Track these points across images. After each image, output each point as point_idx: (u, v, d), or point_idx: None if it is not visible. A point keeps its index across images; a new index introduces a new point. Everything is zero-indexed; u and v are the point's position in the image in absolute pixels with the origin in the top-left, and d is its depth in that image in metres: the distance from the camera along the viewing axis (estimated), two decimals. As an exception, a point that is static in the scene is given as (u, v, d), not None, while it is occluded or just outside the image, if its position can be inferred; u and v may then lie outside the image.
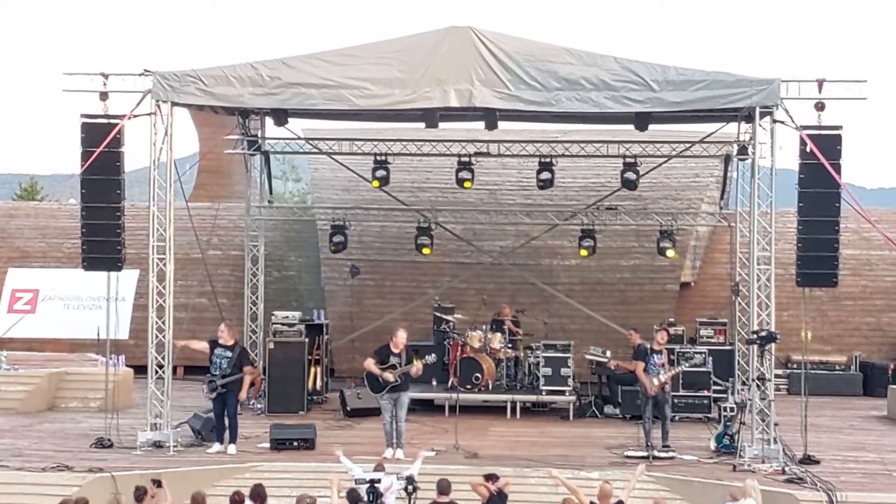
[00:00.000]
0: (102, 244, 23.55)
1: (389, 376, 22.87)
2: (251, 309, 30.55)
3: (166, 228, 23.95)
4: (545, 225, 31.88)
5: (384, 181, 28.89)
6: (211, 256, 32.95)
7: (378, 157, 29.02)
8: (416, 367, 23.00)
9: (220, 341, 23.58)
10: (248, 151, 29.94)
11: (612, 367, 28.46)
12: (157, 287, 23.94)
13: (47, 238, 36.45)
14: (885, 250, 32.80)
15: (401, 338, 23.15)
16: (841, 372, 32.52)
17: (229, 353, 23.41)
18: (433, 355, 24.00)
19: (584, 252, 30.21)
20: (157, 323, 23.94)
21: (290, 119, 26.41)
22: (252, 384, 26.18)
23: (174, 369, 25.23)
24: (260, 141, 29.93)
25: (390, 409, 22.97)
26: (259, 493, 18.20)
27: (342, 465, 19.22)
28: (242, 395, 23.78)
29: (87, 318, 30.76)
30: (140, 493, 18.42)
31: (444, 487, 18.22)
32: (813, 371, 28.92)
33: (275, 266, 33.97)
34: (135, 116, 23.48)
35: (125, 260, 23.98)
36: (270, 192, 32.26)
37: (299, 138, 30.86)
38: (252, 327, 30.25)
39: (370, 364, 23.06)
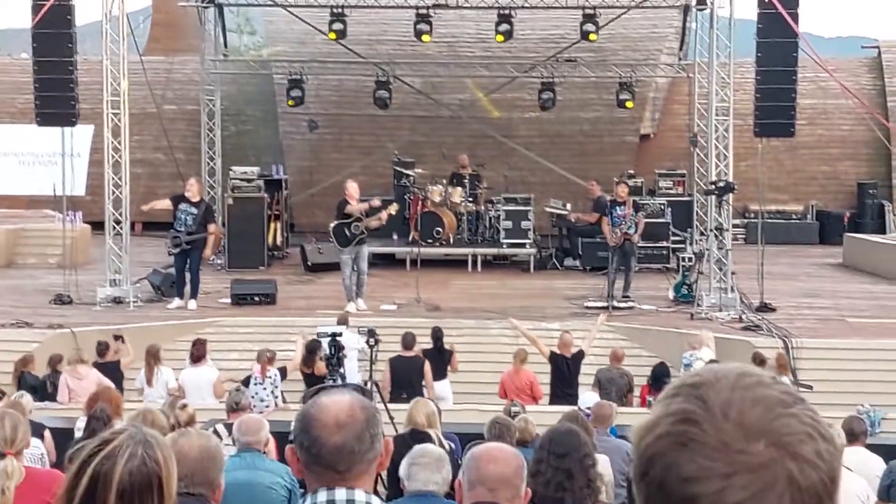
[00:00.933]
0: (56, 99, 23.33)
1: (362, 206, 22.95)
2: (208, 164, 30.39)
3: (120, 83, 23.72)
4: (505, 77, 31.73)
5: (341, 34, 28.59)
6: (166, 111, 32.71)
7: (334, 9, 28.67)
8: (388, 211, 23.23)
9: (188, 196, 23.36)
10: (202, 4, 29.54)
11: (573, 220, 28.57)
12: (113, 142, 23.79)
13: (0, 93, 36.04)
14: (842, 99, 32.81)
15: (351, 188, 23.29)
16: (797, 221, 32.75)
17: (195, 210, 23.24)
18: (396, 205, 24.02)
19: (545, 110, 30.11)
20: (113, 179, 23.83)
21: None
22: (206, 243, 26.17)
23: (132, 225, 25.19)
24: (214, -7, 29.52)
25: (350, 264, 23.10)
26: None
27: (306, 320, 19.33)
28: (207, 252, 23.78)
29: (42, 175, 30.54)
30: (102, 349, 18.52)
31: (409, 342, 18.33)
32: (769, 220, 29.08)
33: (231, 120, 33.69)
34: (86, -31, 23.12)
35: (79, 115, 23.78)
36: (225, 46, 31.94)
37: (253, -10, 30.43)
38: (210, 182, 30.13)
39: (353, 206, 23.02)
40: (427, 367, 18.08)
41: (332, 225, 23.31)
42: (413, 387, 17.59)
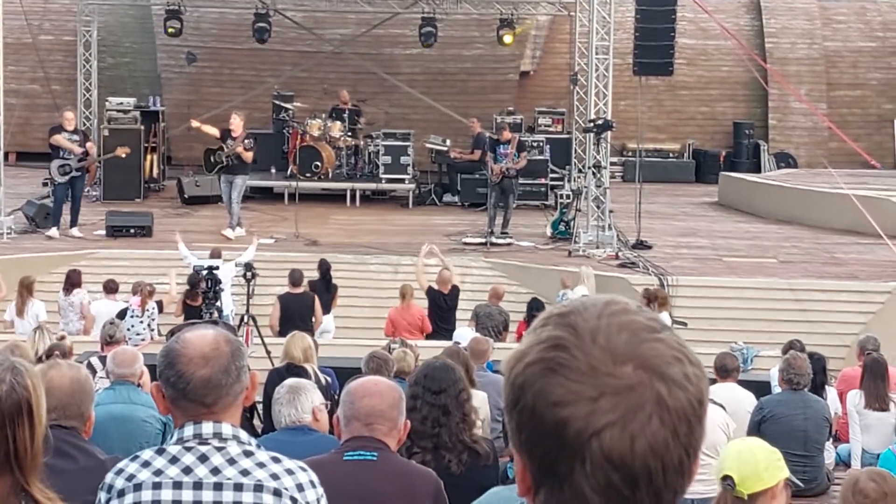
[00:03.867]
0: (-72, 27, 22.81)
1: (209, 129, 24.04)
2: (84, 95, 29.90)
3: (-5, 11, 23.23)
4: (387, 13, 31.54)
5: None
6: (43, 42, 32.09)
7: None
8: (247, 154, 23.28)
9: (66, 126, 23.36)
10: (80, -68, 28.96)
11: (452, 157, 28.61)
12: (-13, 72, 23.32)
13: None
14: (721, 40, 33.13)
15: (233, 121, 23.45)
16: (674, 159, 33.09)
17: (76, 137, 23.35)
18: (251, 140, 23.97)
19: (427, 44, 30.01)
20: (-13, 109, 23.39)
21: None
22: (87, 170, 25.88)
23: (6, 155, 24.78)
24: (90, -81, 28.95)
25: (227, 192, 23.34)
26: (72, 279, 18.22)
27: (179, 251, 19.23)
28: (95, 172, 24.05)
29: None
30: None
31: (296, 278, 18.27)
32: (647, 158, 29.37)
33: (108, 52, 33.13)
34: None
35: (-48, 43, 23.28)
36: (103, -25, 31.33)
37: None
38: (86, 114, 29.65)
39: (206, 127, 23.95)
40: (317, 303, 18.09)
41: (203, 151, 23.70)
42: (305, 322, 17.57)
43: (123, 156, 24.95)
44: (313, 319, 17.84)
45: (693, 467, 1.99)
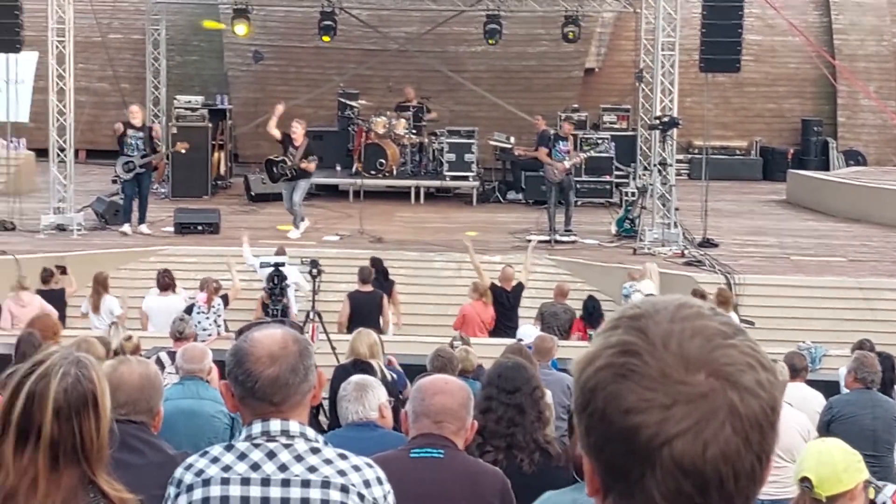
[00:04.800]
0: (0, 25, 23.05)
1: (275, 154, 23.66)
2: (153, 93, 30.15)
3: (65, 10, 23.45)
4: (452, 11, 31.54)
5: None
6: (112, 40, 32.33)
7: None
8: (310, 166, 23.32)
9: (133, 122, 23.53)
10: (148, -68, 29.18)
11: (517, 154, 28.57)
12: (57, 70, 23.56)
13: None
14: (789, 36, 32.87)
15: (294, 128, 23.42)
16: (742, 157, 32.87)
17: (142, 134, 23.53)
18: (315, 157, 23.94)
19: (491, 41, 30.00)
20: (57, 106, 23.63)
21: None
22: (155, 168, 26.11)
23: (76, 153, 25.02)
24: (159, -81, 29.18)
25: (288, 196, 23.41)
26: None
27: (242, 251, 19.36)
28: (161, 167, 24.20)
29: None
30: (46, 275, 18.49)
31: (366, 276, 18.24)
32: (714, 156, 29.17)
33: (177, 50, 33.38)
34: None
35: (24, 42, 23.52)
36: (171, -26, 31.54)
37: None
38: (155, 112, 29.89)
39: (271, 127, 23.67)
40: (385, 301, 18.09)
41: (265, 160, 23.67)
42: (372, 321, 17.59)
43: (183, 151, 25.13)
44: (381, 319, 17.87)
45: (765, 473, 1.98)
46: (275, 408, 3.96)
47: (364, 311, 17.73)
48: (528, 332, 15.46)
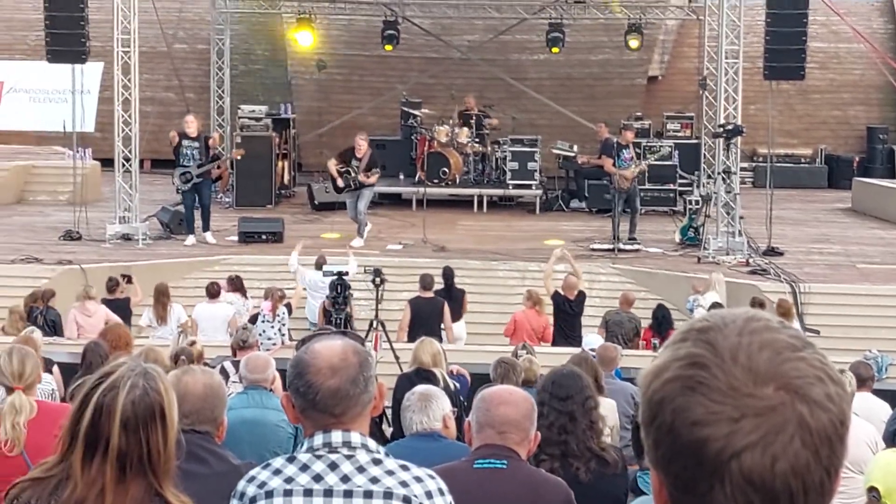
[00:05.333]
0: (67, 36, 23.31)
1: (340, 182, 23.30)
2: (217, 103, 30.36)
3: (130, 21, 23.66)
4: (514, 19, 31.55)
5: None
6: (177, 50, 32.60)
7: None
8: (371, 179, 23.37)
9: (189, 132, 23.63)
10: (213, -58, 29.38)
11: (580, 162, 28.52)
12: (123, 80, 23.76)
13: (12, 31, 35.90)
14: (854, 43, 32.64)
15: (359, 143, 23.53)
16: (806, 165, 32.64)
17: (197, 144, 23.60)
18: (378, 169, 24.07)
19: (555, 49, 29.99)
20: (123, 116, 23.83)
21: None
22: (220, 178, 26.26)
23: (141, 163, 25.22)
24: (223, -69, 29.39)
25: (352, 205, 23.57)
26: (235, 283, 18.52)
27: (290, 257, 19.49)
28: (219, 173, 24.37)
29: (52, 111, 30.53)
30: (112, 284, 18.63)
31: (427, 283, 18.25)
32: (778, 164, 28.94)
33: (241, 60, 33.60)
34: None
35: (90, 52, 23.76)
36: (236, -15, 31.77)
37: (264, -72, 30.31)
38: (219, 121, 30.10)
39: (330, 164, 23.53)
40: (446, 308, 18.10)
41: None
42: (433, 328, 17.63)
43: (238, 157, 25.34)
44: (442, 325, 17.88)
45: (834, 487, 1.97)
46: (336, 419, 3.97)
47: (425, 317, 17.77)
48: (594, 341, 15.41)
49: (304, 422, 4.04)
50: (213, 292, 18.26)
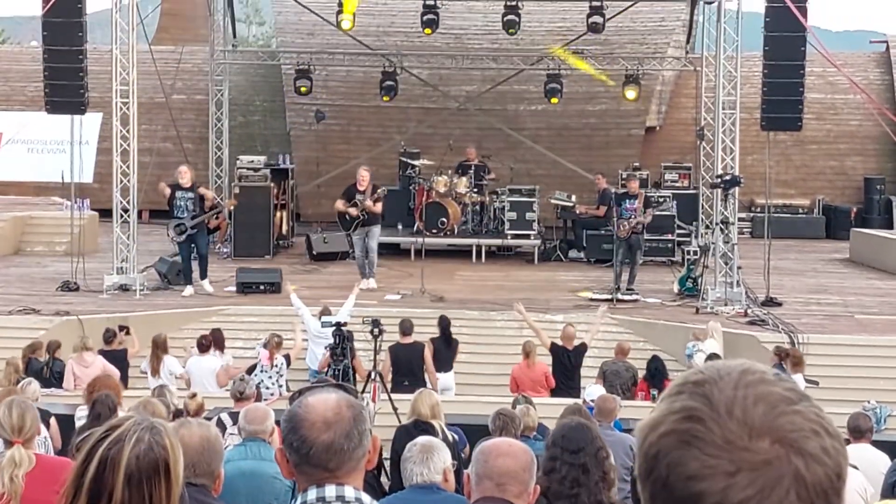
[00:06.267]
0: (65, 87, 23.38)
1: (353, 210, 23.51)
2: (216, 153, 30.44)
3: (129, 72, 23.75)
4: (512, 69, 31.70)
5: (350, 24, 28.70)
6: (175, 101, 32.68)
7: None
8: (374, 199, 23.64)
9: (182, 183, 23.63)
10: (211, -6, 29.53)
11: (578, 212, 28.56)
12: (121, 131, 23.83)
13: (10, 81, 36.05)
14: (850, 94, 32.78)
15: (362, 175, 23.77)
16: (804, 215, 32.70)
17: (191, 194, 23.59)
18: (384, 188, 24.47)
19: (554, 100, 30.12)
20: (121, 167, 23.88)
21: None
22: (217, 228, 26.27)
23: (139, 213, 25.25)
24: (223, -17, 29.56)
25: (361, 244, 23.65)
26: (217, 338, 18.50)
27: (292, 304, 19.46)
28: (223, 225, 24.47)
29: (51, 162, 30.65)
30: (109, 336, 18.60)
31: (406, 328, 18.33)
32: (776, 214, 28.98)
33: (239, 110, 33.73)
34: (95, -43, 23.14)
35: (88, 103, 23.84)
36: (234, 36, 31.94)
37: (263, -20, 30.47)
38: (217, 172, 30.17)
39: (338, 203, 23.69)
40: (427, 352, 18.10)
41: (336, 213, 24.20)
42: (415, 374, 17.66)
43: (231, 207, 25.39)
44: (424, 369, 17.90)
45: None
46: (330, 473, 3.94)
47: (405, 363, 17.78)
48: (595, 392, 15.38)
49: (298, 477, 4.02)
50: (203, 345, 18.22)
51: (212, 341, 18.42)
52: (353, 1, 27.92)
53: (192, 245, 23.60)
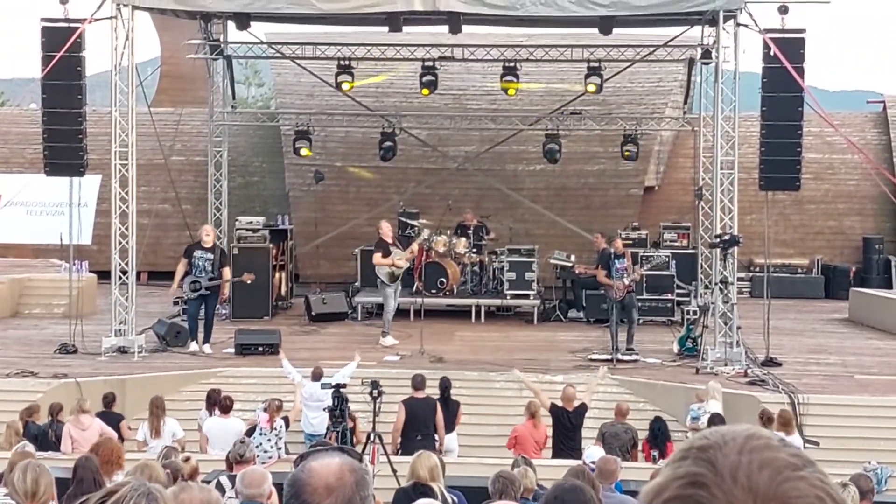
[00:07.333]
0: (64, 149, 23.44)
1: (402, 262, 24.58)
2: (215, 215, 30.46)
3: (128, 134, 23.80)
4: (510, 130, 31.79)
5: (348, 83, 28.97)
6: (174, 162, 32.78)
7: (342, 62, 28.85)
8: (411, 253, 24.89)
9: (203, 244, 23.85)
10: (211, 56, 29.68)
11: (577, 272, 28.57)
12: (120, 193, 23.85)
13: (9, 144, 36.15)
14: (848, 154, 32.88)
15: (386, 228, 24.25)
16: (803, 275, 32.71)
17: (211, 255, 23.82)
18: (419, 229, 25.29)
19: (552, 161, 30.31)
20: (120, 229, 23.88)
21: (252, 23, 26.16)
22: (220, 289, 26.28)
23: (138, 275, 25.24)
24: (222, 45, 29.69)
25: (394, 296, 24.19)
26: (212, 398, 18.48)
27: (283, 368, 19.46)
28: (225, 294, 24.51)
29: (49, 224, 30.65)
30: (109, 399, 18.60)
31: (419, 383, 18.33)
32: (775, 274, 28.99)
33: (238, 172, 33.81)
34: (96, 20, 23.26)
35: (87, 165, 23.91)
36: (233, 98, 32.04)
37: (262, 42, 30.62)
38: (216, 233, 30.16)
39: (379, 259, 24.21)
40: (439, 410, 18.12)
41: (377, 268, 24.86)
42: (428, 427, 17.68)
43: (248, 282, 25.33)
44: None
45: None
46: (332, 539, 3.91)
47: (419, 417, 17.78)
48: (595, 453, 15.31)
49: (300, 541, 3.99)
50: (225, 407, 18.09)
51: (232, 403, 18.33)
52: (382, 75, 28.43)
53: (203, 304, 23.80)
